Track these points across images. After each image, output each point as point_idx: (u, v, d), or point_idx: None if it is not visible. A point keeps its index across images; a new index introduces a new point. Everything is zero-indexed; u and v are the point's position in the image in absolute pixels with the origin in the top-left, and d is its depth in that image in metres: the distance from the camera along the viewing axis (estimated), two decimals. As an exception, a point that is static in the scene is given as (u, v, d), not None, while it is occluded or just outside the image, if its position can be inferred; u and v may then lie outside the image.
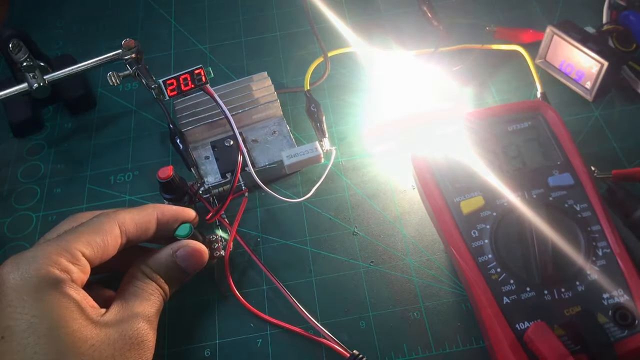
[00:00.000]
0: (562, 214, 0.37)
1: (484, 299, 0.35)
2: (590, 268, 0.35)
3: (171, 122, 0.48)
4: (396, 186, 0.46)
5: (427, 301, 0.40)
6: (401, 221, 0.44)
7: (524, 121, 0.40)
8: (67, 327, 0.32)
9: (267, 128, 0.49)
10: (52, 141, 0.53)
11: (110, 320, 0.34)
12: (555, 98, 0.49)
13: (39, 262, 0.33)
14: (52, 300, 0.32)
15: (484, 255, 0.36)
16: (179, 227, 0.40)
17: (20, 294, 0.32)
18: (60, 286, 0.33)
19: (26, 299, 0.31)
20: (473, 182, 0.38)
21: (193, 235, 0.40)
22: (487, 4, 0.58)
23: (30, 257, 0.33)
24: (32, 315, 0.31)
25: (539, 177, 0.38)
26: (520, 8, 0.57)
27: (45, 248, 0.34)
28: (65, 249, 0.34)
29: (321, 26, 0.54)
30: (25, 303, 0.31)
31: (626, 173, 0.41)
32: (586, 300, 0.34)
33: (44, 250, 0.34)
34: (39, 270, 0.32)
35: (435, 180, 0.39)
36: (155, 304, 0.37)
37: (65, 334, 0.31)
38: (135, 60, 0.48)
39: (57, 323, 0.31)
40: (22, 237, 0.47)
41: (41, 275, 0.32)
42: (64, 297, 0.32)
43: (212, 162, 0.47)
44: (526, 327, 0.34)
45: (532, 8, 0.57)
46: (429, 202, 0.39)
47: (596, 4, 0.54)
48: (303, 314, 0.39)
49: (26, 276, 0.32)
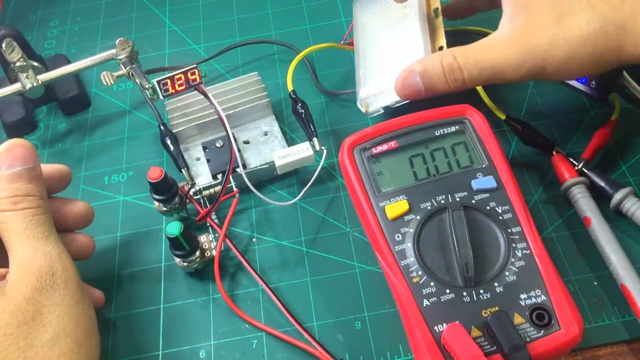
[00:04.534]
0: (484, 216, 0.37)
1: (404, 302, 0.35)
2: (508, 269, 0.36)
3: (162, 123, 0.48)
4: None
5: (422, 301, 0.40)
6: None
7: (451, 125, 0.41)
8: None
9: (258, 129, 0.49)
10: (45, 141, 0.53)
11: (13, 279, 0.33)
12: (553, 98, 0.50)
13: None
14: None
15: (406, 258, 0.36)
16: (169, 225, 0.40)
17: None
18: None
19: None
20: (399, 187, 0.39)
21: (184, 234, 0.40)
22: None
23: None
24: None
25: (464, 180, 0.39)
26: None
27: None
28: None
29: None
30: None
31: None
32: (504, 301, 0.35)
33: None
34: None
35: (361, 184, 0.39)
36: (29, 224, 0.34)
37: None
38: (129, 60, 0.48)
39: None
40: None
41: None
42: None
43: (203, 163, 0.47)
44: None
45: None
46: (355, 206, 0.40)
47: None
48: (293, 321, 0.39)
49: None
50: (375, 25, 0.47)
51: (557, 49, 0.37)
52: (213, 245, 0.43)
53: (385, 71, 0.46)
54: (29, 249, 0.34)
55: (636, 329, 0.38)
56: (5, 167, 0.35)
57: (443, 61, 0.40)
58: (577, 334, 0.34)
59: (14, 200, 0.35)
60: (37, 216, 0.35)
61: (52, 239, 0.35)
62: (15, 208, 0.34)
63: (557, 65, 0.38)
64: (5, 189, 0.35)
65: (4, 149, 0.35)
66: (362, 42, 0.48)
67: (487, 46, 0.39)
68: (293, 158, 0.45)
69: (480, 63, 0.39)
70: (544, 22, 0.37)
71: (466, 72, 0.40)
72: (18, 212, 0.34)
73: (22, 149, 0.36)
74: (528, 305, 0.35)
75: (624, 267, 0.38)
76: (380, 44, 0.47)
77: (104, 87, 0.56)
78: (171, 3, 0.63)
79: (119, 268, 0.44)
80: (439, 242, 0.37)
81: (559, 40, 0.37)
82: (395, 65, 0.44)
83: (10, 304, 0.32)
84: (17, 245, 0.34)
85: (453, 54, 0.40)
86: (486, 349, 0.33)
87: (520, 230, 0.37)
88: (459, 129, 0.41)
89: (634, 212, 0.41)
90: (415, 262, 0.36)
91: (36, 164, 0.36)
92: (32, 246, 0.34)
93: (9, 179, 0.35)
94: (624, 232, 0.42)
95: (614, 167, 0.45)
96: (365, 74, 0.47)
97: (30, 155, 0.36)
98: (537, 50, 0.38)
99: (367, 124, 0.50)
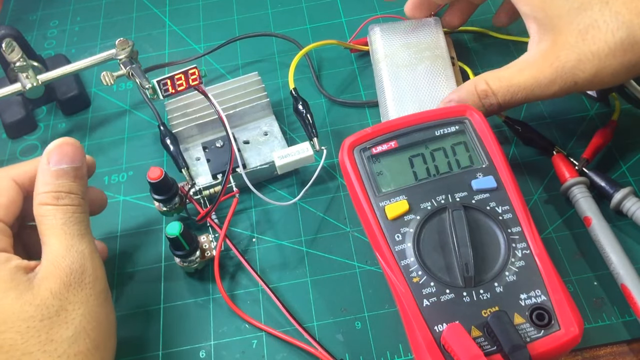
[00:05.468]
0: (484, 216, 0.37)
1: (404, 302, 0.35)
2: (508, 269, 0.36)
3: (162, 123, 0.48)
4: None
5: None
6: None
7: (451, 125, 0.41)
8: (5, 297, 0.32)
9: (258, 129, 0.49)
10: (45, 141, 0.53)
11: (42, 273, 0.34)
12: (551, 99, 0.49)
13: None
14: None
15: (406, 258, 0.36)
16: (169, 225, 0.40)
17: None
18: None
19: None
20: (399, 187, 0.39)
21: (184, 234, 0.40)
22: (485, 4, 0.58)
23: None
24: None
25: (464, 180, 0.39)
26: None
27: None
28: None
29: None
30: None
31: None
32: (504, 301, 0.35)
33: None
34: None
35: (361, 184, 0.39)
36: (67, 221, 0.35)
37: (5, 305, 0.32)
38: (129, 60, 0.48)
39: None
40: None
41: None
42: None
43: (203, 163, 0.47)
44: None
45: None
46: (355, 206, 0.40)
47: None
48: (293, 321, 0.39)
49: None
50: (403, 57, 0.49)
51: (587, 64, 0.37)
52: (213, 245, 0.43)
53: (421, 101, 0.47)
54: (64, 244, 0.34)
55: (636, 329, 0.38)
56: (54, 162, 0.36)
57: (477, 88, 0.41)
58: (577, 334, 0.33)
59: (57, 195, 0.35)
60: (76, 214, 0.36)
61: (87, 238, 0.36)
62: (57, 203, 0.35)
63: (589, 78, 0.38)
64: (49, 184, 0.36)
65: (55, 145, 0.37)
66: (388, 70, 0.49)
67: (518, 69, 0.40)
68: (293, 158, 0.45)
69: (512, 87, 0.40)
70: (569, 39, 0.38)
71: (500, 96, 0.41)
72: (59, 207, 0.35)
73: (71, 147, 0.37)
74: (528, 305, 0.34)
75: (624, 267, 0.38)
76: (412, 77, 0.49)
77: (104, 87, 0.56)
78: (171, 3, 0.63)
79: (119, 268, 0.44)
80: (439, 242, 0.37)
81: (587, 55, 0.37)
82: (431, 98, 0.47)
83: (37, 298, 0.33)
84: (52, 240, 0.35)
85: (485, 80, 0.41)
86: (486, 349, 0.33)
87: (520, 230, 0.37)
88: (459, 129, 0.41)
89: (634, 212, 0.41)
90: (415, 262, 0.36)
91: (82, 164, 0.37)
92: (67, 242, 0.35)
93: (55, 175, 0.36)
94: (624, 232, 0.42)
95: (614, 167, 0.45)
96: (396, 99, 0.48)
97: (78, 154, 0.37)
98: (565, 67, 0.38)
99: (368, 124, 0.50)
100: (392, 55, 0.50)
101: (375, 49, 0.50)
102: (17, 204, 0.37)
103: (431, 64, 0.49)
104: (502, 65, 0.42)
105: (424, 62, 0.49)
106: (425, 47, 0.50)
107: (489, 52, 0.54)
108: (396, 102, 0.47)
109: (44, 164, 0.36)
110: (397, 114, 0.47)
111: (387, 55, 0.50)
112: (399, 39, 0.50)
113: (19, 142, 0.53)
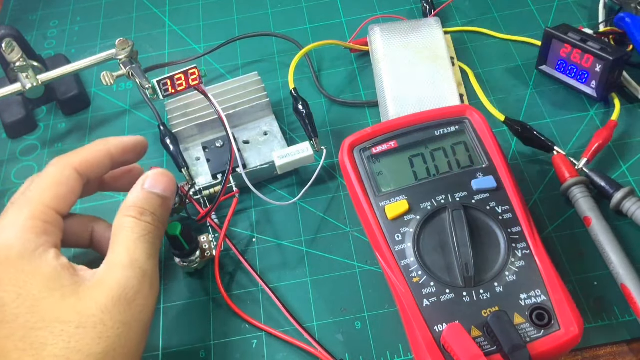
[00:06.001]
0: (484, 216, 0.37)
1: (404, 302, 0.35)
2: (508, 269, 0.36)
3: (161, 123, 0.48)
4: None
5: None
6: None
7: (451, 125, 0.41)
8: (50, 296, 0.32)
9: (258, 129, 0.49)
10: (45, 141, 0.53)
11: (96, 279, 0.33)
12: (553, 99, 0.50)
13: (14, 231, 0.33)
14: (31, 270, 0.32)
15: (406, 258, 0.36)
16: (169, 225, 0.40)
17: (3, 267, 0.32)
18: (37, 253, 0.33)
19: (11, 270, 0.32)
20: (399, 187, 0.39)
21: (184, 234, 0.40)
22: (484, 4, 0.58)
23: (3, 227, 0.34)
24: (18, 287, 0.31)
25: (464, 180, 0.39)
26: (516, 8, 0.57)
27: (17, 216, 0.34)
28: (35, 210, 0.34)
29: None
30: (10, 275, 0.32)
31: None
32: (504, 301, 0.35)
33: (16, 219, 0.34)
34: (17, 240, 0.33)
35: (361, 184, 0.39)
36: (142, 237, 0.35)
37: (48, 303, 0.32)
38: (129, 60, 0.48)
39: (40, 294, 0.32)
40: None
41: (18, 245, 0.33)
42: (44, 264, 0.33)
43: (202, 163, 0.47)
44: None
45: (527, 7, 0.57)
46: (355, 206, 0.40)
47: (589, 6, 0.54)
48: (293, 321, 0.39)
49: (2, 248, 0.33)
50: (403, 57, 0.50)
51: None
52: (213, 245, 0.43)
53: (421, 101, 0.47)
54: (130, 257, 0.34)
55: (636, 329, 0.38)
56: (148, 185, 0.37)
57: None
58: (577, 334, 0.33)
59: (142, 211, 0.36)
60: (152, 234, 0.36)
61: (153, 261, 0.35)
62: (139, 218, 0.36)
63: None
64: (138, 199, 0.37)
65: (155, 172, 0.38)
66: (388, 70, 0.49)
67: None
68: (293, 158, 0.45)
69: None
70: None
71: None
72: (140, 221, 0.36)
73: (168, 179, 0.38)
74: (528, 305, 0.34)
75: (624, 267, 0.38)
76: (412, 77, 0.49)
77: (103, 87, 0.56)
78: (171, 3, 0.63)
79: (119, 268, 0.44)
80: (439, 242, 0.37)
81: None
82: (431, 98, 0.48)
83: (80, 304, 0.32)
84: (120, 249, 0.34)
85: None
86: (486, 349, 0.33)
87: (520, 230, 0.37)
88: (459, 129, 0.41)
89: (634, 212, 0.41)
90: (415, 262, 0.36)
91: (172, 196, 0.39)
92: (133, 256, 0.34)
93: (146, 194, 0.37)
94: (624, 232, 0.42)
95: (614, 167, 0.45)
96: (396, 99, 0.48)
97: (171, 187, 0.38)
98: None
99: (368, 124, 0.50)
100: (392, 55, 0.50)
101: (375, 49, 0.50)
102: (76, 193, 0.37)
103: (431, 64, 0.49)
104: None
105: (424, 62, 0.49)
106: (425, 47, 0.50)
107: (489, 52, 0.54)
108: (396, 102, 0.47)
109: (140, 184, 0.37)
110: (397, 114, 0.47)
111: (387, 55, 0.50)
112: (399, 39, 0.50)
113: (19, 142, 0.53)
